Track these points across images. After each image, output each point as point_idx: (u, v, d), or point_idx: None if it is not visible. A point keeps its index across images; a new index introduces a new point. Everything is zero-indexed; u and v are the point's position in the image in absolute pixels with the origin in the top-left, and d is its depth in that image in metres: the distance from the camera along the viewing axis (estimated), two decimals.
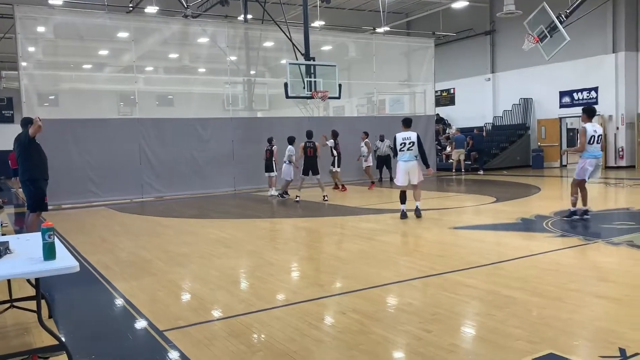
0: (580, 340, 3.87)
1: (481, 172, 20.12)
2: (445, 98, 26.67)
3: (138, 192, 15.13)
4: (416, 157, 9.37)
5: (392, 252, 7.16)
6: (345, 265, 6.52)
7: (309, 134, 13.36)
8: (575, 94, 20.76)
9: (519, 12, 18.75)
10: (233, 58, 18.50)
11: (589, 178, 8.78)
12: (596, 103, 20.05)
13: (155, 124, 15.81)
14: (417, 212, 9.42)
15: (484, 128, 23.49)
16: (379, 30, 22.86)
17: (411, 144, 9.30)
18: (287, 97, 15.37)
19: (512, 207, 10.97)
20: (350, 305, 4.81)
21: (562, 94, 21.16)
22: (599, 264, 6.03)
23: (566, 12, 17.21)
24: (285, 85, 15.22)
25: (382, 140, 16.84)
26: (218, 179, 16.09)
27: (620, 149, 19.57)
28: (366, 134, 16.68)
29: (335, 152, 15.53)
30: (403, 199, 9.58)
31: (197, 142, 16.21)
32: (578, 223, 8.54)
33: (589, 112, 8.88)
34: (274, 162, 14.39)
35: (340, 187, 15.45)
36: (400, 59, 21.86)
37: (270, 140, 14.59)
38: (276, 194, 14.31)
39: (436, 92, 25.91)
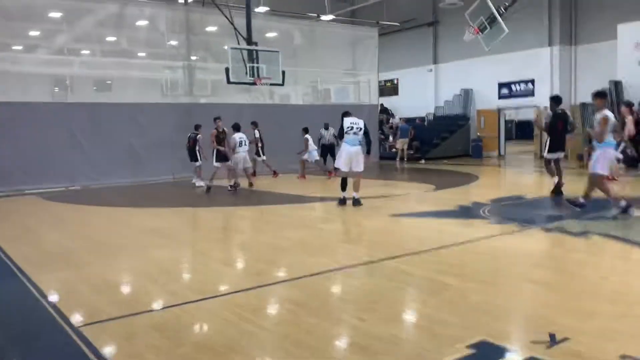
0: (512, 326, 3.86)
1: (423, 162, 20.40)
2: (389, 88, 26.86)
3: (71, 179, 14.36)
4: (360, 142, 9.18)
5: (331, 240, 7.05)
6: (284, 253, 6.34)
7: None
8: (513, 86, 21.36)
9: (461, 3, 19.05)
10: (173, 42, 17.86)
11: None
12: (533, 95, 20.72)
13: (90, 109, 15.05)
14: (356, 202, 9.21)
15: (425, 118, 23.85)
16: (324, 17, 22.67)
17: (359, 129, 9.05)
18: (229, 82, 14.94)
19: (450, 194, 11.11)
20: (285, 295, 4.64)
21: (501, 85, 21.72)
22: (532, 250, 6.13)
23: (505, 4, 17.62)
24: (227, 70, 14.79)
25: (326, 128, 16.60)
26: (156, 167, 15.48)
27: None
28: (305, 130, 16.21)
29: (261, 142, 15.32)
30: (344, 185, 9.32)
31: (134, 128, 15.55)
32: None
33: (605, 96, 7.87)
34: (197, 150, 13.78)
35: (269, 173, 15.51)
36: (345, 47, 21.79)
37: (197, 128, 13.96)
38: (203, 184, 13.52)
39: (380, 82, 26.07)
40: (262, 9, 22.18)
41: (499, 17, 17.31)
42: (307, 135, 15.75)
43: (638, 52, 17.53)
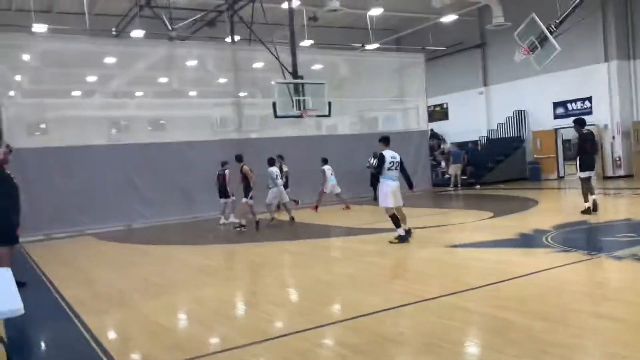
0: None
1: (478, 187, 19.78)
2: (439, 113, 26.45)
3: (126, 219, 14.71)
4: (399, 177, 8.73)
5: (383, 275, 6.76)
6: (332, 291, 6.12)
7: (239, 157, 12.61)
8: (569, 105, 20.52)
9: (508, 24, 18.61)
10: (221, 80, 18.28)
11: None
12: (590, 113, 19.81)
13: (144, 149, 15.45)
14: (409, 233, 8.71)
15: (479, 142, 23.22)
16: (368, 47, 22.72)
17: (397, 163, 8.66)
18: (276, 116, 15.06)
19: (510, 222, 10.58)
20: (335, 338, 4.41)
21: (556, 104, 20.90)
22: (603, 281, 5.65)
23: (556, 22, 17.07)
24: (274, 104, 14.92)
25: (375, 157, 16.31)
26: (207, 203, 15.60)
27: (617, 158, 19.26)
28: (324, 161, 16.02)
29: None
30: (397, 221, 8.67)
31: (186, 166, 15.82)
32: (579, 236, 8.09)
33: None
34: (227, 187, 13.49)
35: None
36: (391, 75, 21.66)
37: (223, 164, 13.70)
38: (235, 221, 13.09)
39: (429, 107, 25.67)
40: (307, 42, 22.50)
41: (550, 36, 16.77)
42: (324, 167, 15.55)
43: None
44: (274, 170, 13.01)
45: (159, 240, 12.01)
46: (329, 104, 15.95)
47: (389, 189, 8.58)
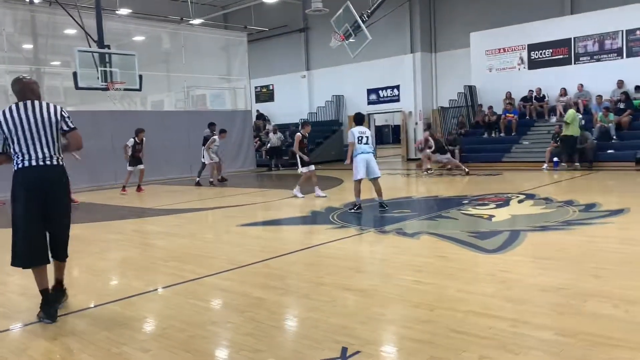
0: (304, 344, 3.57)
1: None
2: (265, 94, 26.64)
3: None
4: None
5: (160, 258, 6.46)
6: (96, 277, 5.69)
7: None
8: (380, 92, 22.00)
9: (326, 10, 19.19)
10: (16, 45, 16.26)
11: None
12: (398, 100, 21.45)
13: None
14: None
15: (299, 124, 23.88)
16: (193, 22, 21.93)
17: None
18: (77, 88, 13.83)
19: (309, 200, 10.90)
20: (68, 328, 4.03)
21: (369, 91, 22.28)
22: (362, 254, 6.02)
23: (368, 12, 18.03)
24: (74, 74, 13.69)
25: (275, 132, 18.79)
26: None
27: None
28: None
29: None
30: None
31: None
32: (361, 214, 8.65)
33: None
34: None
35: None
36: (217, 52, 21.20)
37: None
38: None
39: (256, 88, 25.79)
40: (124, 11, 21.03)
41: (362, 25, 17.67)
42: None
43: (488, 58, 18.78)
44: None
45: None
46: (140, 77, 15.07)
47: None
